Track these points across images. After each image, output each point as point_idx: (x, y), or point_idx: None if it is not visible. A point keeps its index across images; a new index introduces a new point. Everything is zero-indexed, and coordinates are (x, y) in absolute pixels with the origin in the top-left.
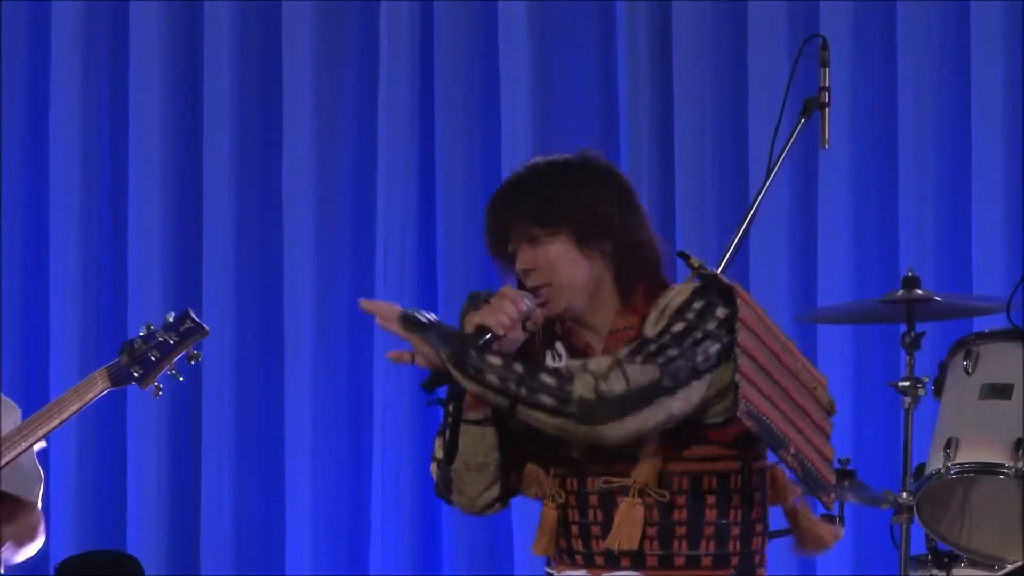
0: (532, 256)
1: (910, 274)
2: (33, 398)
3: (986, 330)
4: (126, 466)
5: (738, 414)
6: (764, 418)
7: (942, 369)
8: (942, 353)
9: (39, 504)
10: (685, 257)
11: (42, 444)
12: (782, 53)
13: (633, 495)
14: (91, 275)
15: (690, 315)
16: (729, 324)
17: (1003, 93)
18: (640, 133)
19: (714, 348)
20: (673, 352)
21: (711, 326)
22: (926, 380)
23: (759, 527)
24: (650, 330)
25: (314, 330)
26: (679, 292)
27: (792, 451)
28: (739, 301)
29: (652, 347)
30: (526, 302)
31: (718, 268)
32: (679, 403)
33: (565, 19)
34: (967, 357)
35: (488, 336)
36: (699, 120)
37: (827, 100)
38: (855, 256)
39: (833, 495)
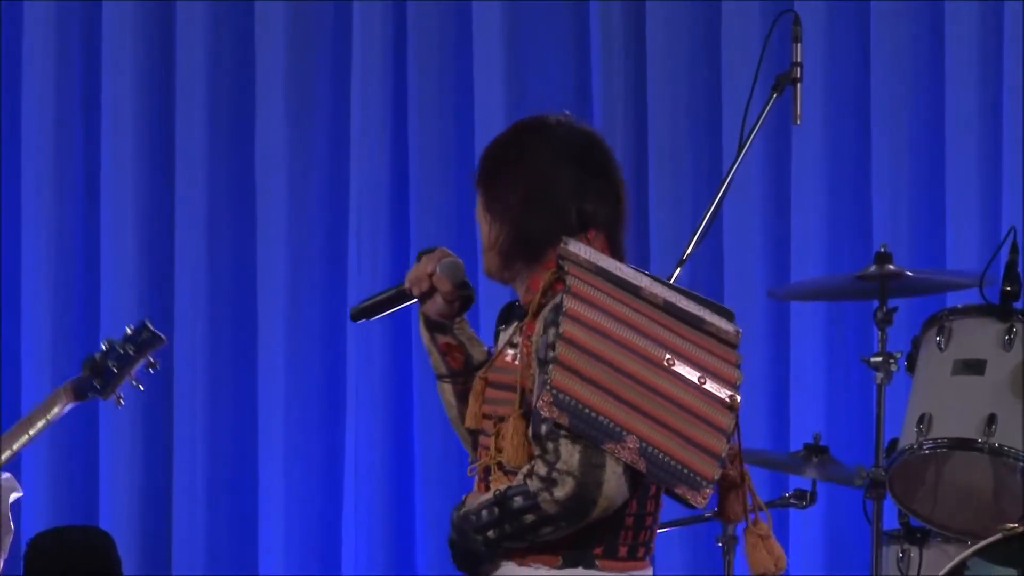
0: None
1: (883, 250)
2: (5, 403)
3: (959, 306)
4: (98, 441)
5: (539, 406)
6: (582, 405)
7: (915, 345)
8: (915, 329)
9: (6, 551)
10: (564, 252)
11: (18, 494)
12: (755, 28)
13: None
14: (64, 269)
15: (552, 355)
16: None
17: (978, 67)
18: (613, 109)
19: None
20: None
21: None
22: (899, 355)
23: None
24: (538, 345)
25: (287, 316)
26: (546, 310)
27: (632, 443)
28: (567, 295)
29: (543, 427)
30: (436, 266)
31: (690, 245)
32: (610, 438)
33: None
34: (940, 333)
35: (403, 288)
36: (672, 95)
37: (799, 75)
38: (828, 232)
39: (708, 490)
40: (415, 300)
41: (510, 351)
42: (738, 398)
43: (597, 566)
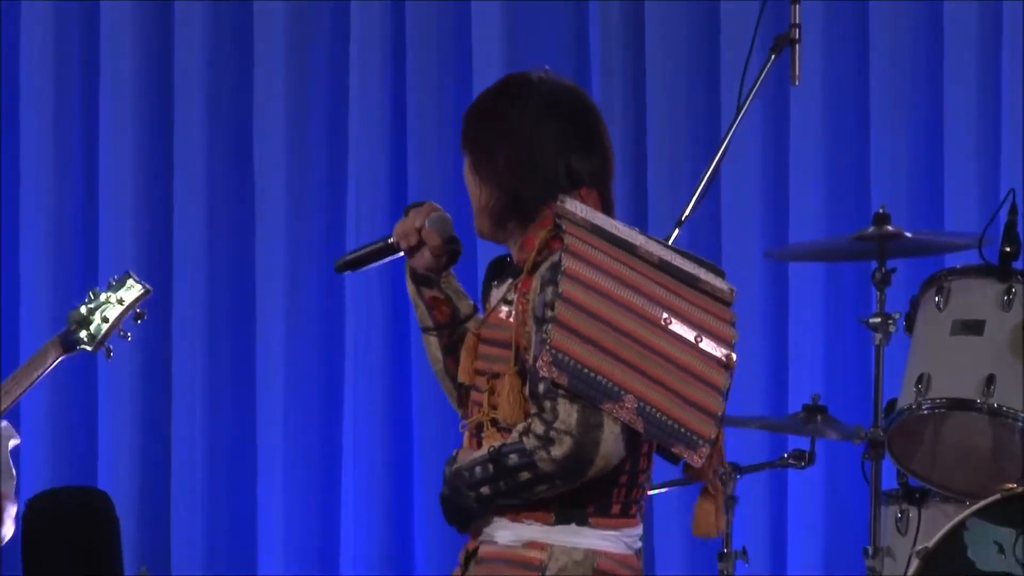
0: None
1: (881, 211)
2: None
3: (958, 266)
4: (97, 403)
5: (539, 366)
6: (580, 365)
7: (913, 305)
8: (913, 289)
9: (13, 499)
10: (561, 209)
11: (16, 441)
12: None
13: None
14: (64, 240)
15: (550, 313)
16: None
17: (977, 26)
18: (611, 70)
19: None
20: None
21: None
22: (897, 316)
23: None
24: (535, 303)
25: (287, 285)
26: (543, 268)
27: (630, 403)
28: (565, 254)
29: (541, 386)
30: (425, 221)
31: (688, 206)
32: (608, 397)
33: None
34: (939, 293)
35: (390, 242)
36: (670, 56)
37: (798, 36)
38: (826, 193)
39: (705, 449)
40: (402, 254)
41: (504, 308)
42: (734, 356)
43: (590, 523)
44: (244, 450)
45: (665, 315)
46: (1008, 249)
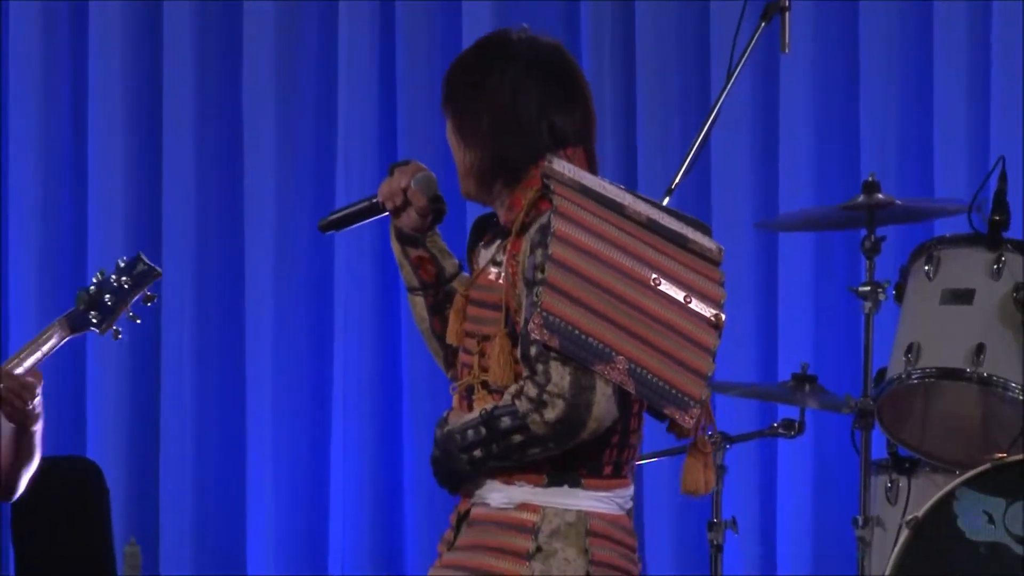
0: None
1: (871, 179)
2: None
3: (947, 235)
4: (86, 372)
5: (530, 329)
6: (572, 328)
7: (903, 274)
8: (903, 258)
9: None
10: (547, 170)
11: None
12: None
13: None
14: (51, 214)
15: (540, 275)
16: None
17: (966, 7)
18: (602, 36)
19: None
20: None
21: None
22: (887, 285)
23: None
24: (525, 265)
25: (275, 258)
26: (532, 230)
27: (621, 364)
28: (555, 216)
29: (533, 349)
30: (411, 181)
31: (678, 175)
32: (600, 360)
33: None
34: (928, 262)
35: (375, 202)
36: (661, 24)
37: (788, 4)
38: (816, 161)
39: (696, 410)
40: (386, 213)
41: (493, 269)
42: (723, 316)
43: (582, 485)
44: (233, 419)
45: (654, 276)
46: (997, 218)
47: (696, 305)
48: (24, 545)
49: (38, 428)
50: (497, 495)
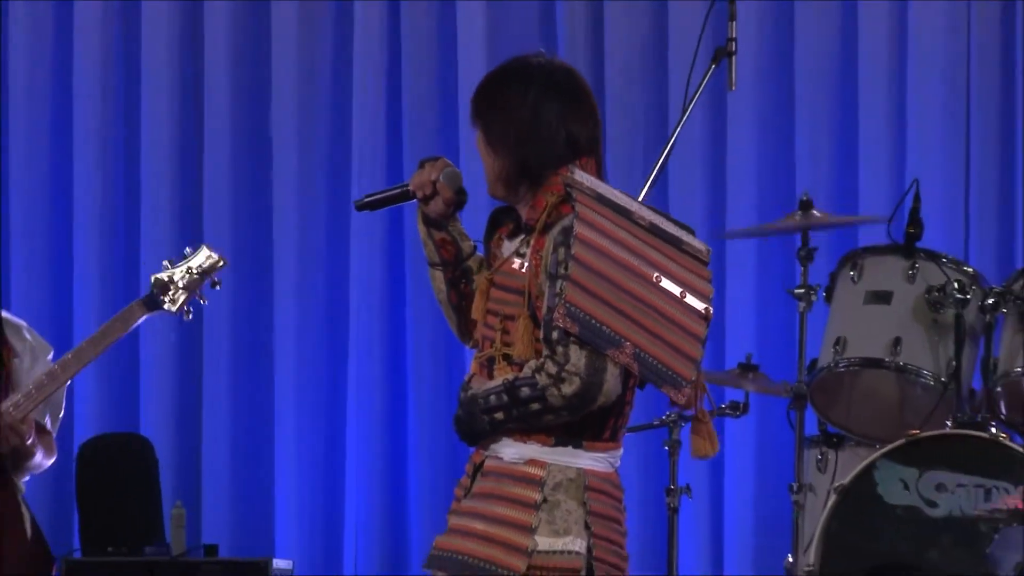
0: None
1: (805, 197)
2: (59, 322)
3: (870, 245)
4: (139, 361)
5: (555, 318)
6: (589, 318)
7: (832, 278)
8: (832, 265)
9: (54, 433)
10: (569, 179)
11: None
12: (697, 9)
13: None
14: (108, 211)
15: (563, 271)
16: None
17: (886, 42)
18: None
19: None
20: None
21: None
22: (818, 288)
23: None
24: (543, 288)
25: (297, 244)
26: (551, 235)
27: (628, 349)
28: (577, 220)
29: (555, 334)
30: (439, 176)
31: (640, 195)
32: (611, 345)
33: None
34: (853, 268)
35: (408, 189)
36: (627, 66)
37: (734, 49)
38: (758, 181)
39: (687, 389)
40: (415, 200)
41: (517, 260)
42: (711, 309)
43: (584, 447)
44: (263, 402)
45: (656, 274)
46: (912, 231)
47: (690, 299)
48: (88, 509)
49: (32, 450)
50: (510, 450)
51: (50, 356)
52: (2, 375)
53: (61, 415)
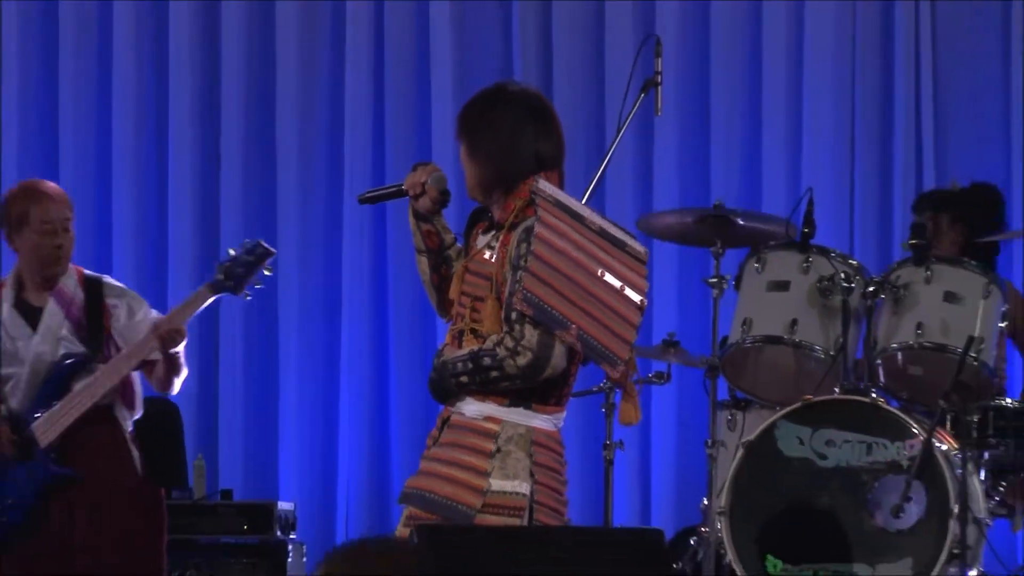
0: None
1: (719, 202)
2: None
3: (771, 242)
4: None
5: (514, 302)
6: (542, 303)
7: (740, 270)
8: (740, 258)
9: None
10: (534, 188)
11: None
12: (628, 46)
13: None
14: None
15: (523, 264)
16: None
17: (784, 76)
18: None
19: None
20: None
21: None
22: (729, 277)
23: None
24: (512, 254)
25: (298, 236)
26: (516, 232)
27: (574, 331)
28: (539, 223)
29: (514, 314)
30: (428, 179)
31: (583, 198)
32: (559, 326)
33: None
34: (757, 261)
35: (402, 188)
36: (571, 94)
37: (660, 80)
38: (680, 189)
39: (621, 367)
40: (407, 197)
41: (488, 251)
42: (646, 301)
43: (533, 409)
44: (269, 373)
45: (601, 269)
46: (807, 230)
47: (628, 292)
48: None
49: (180, 353)
50: (471, 408)
51: (145, 308)
52: (102, 335)
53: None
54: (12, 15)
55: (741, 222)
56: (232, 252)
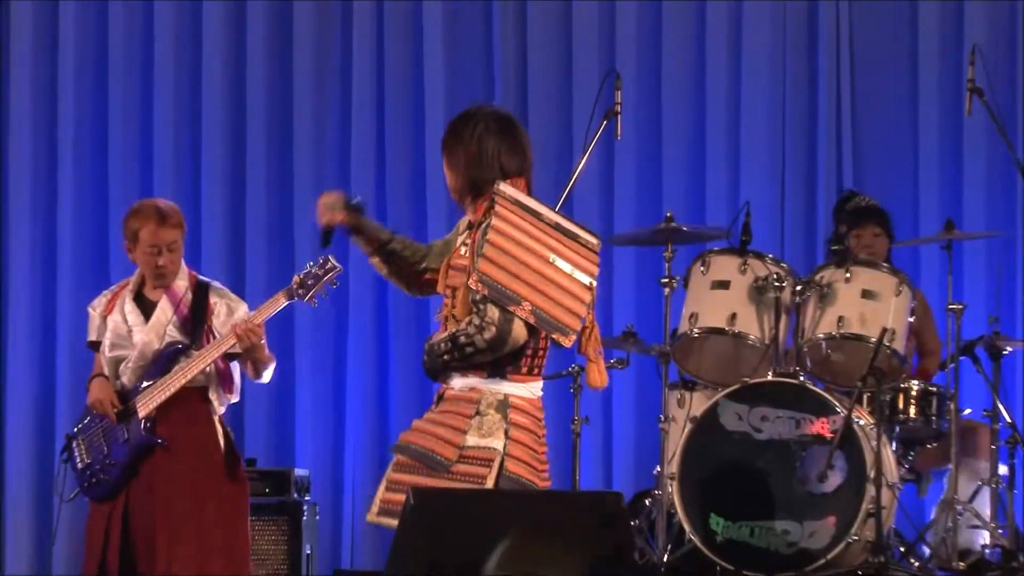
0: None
1: (669, 214)
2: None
3: (714, 248)
4: None
5: (470, 282)
6: (496, 283)
7: (688, 271)
8: (688, 261)
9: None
10: (497, 190)
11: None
12: (592, 82)
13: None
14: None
15: (480, 252)
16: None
17: (724, 92)
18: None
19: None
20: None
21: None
22: (678, 278)
23: None
24: (477, 247)
25: (311, 233)
26: (483, 225)
27: (527, 307)
28: (494, 216)
29: (477, 296)
30: (322, 208)
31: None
32: (513, 303)
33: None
34: (703, 264)
35: (324, 227)
36: (545, 123)
37: (619, 110)
38: (636, 203)
39: (572, 336)
40: (337, 227)
41: (463, 248)
42: (595, 283)
43: (508, 378)
44: (287, 355)
45: (552, 255)
46: (745, 238)
47: (577, 275)
48: None
49: (263, 348)
50: (458, 382)
51: (243, 309)
52: (203, 329)
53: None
54: (68, 15)
55: (688, 230)
56: (309, 265)
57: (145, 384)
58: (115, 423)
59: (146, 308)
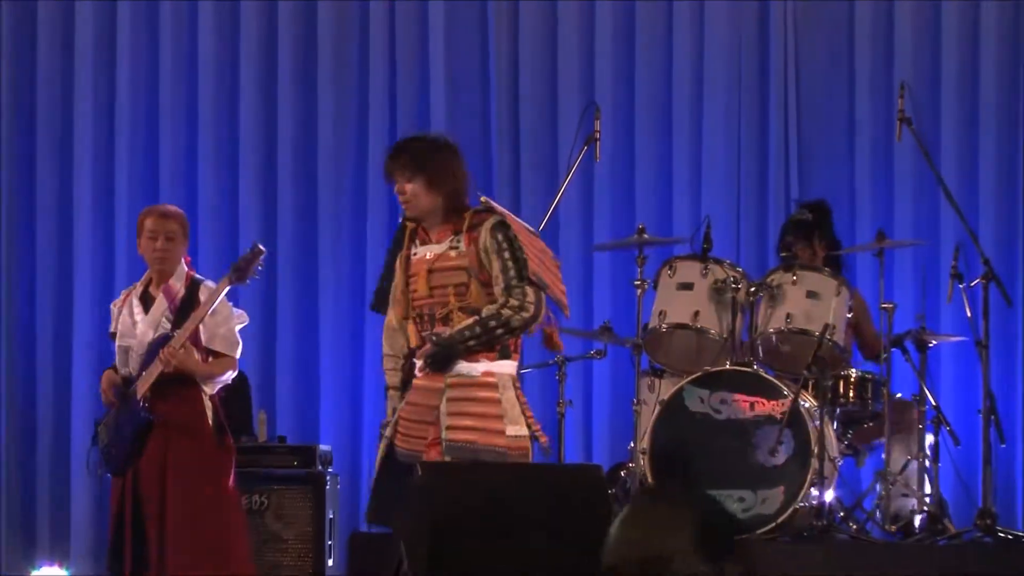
0: (401, 187)
1: (641, 226)
2: None
3: (680, 254)
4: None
5: (530, 272)
6: (535, 272)
7: (657, 275)
8: (657, 265)
9: (234, 355)
10: (485, 202)
11: (245, 321)
12: (574, 111)
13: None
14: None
15: (505, 247)
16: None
17: (688, 132)
18: (503, 146)
19: (523, 252)
20: (523, 275)
21: (515, 244)
22: (649, 280)
23: None
24: (488, 260)
25: (332, 235)
26: (484, 229)
27: (550, 290)
28: (505, 218)
29: (513, 280)
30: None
31: (540, 226)
32: (543, 289)
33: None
34: (669, 268)
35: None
36: (533, 149)
37: (598, 136)
38: (612, 217)
39: (567, 312)
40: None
41: (452, 252)
42: (558, 262)
43: (510, 357)
44: (311, 345)
45: (543, 247)
46: (706, 246)
47: (558, 264)
48: None
49: (195, 365)
50: (466, 368)
51: (227, 311)
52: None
53: (238, 346)
54: (126, 14)
55: (657, 240)
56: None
57: (142, 372)
58: (118, 407)
59: (147, 302)
